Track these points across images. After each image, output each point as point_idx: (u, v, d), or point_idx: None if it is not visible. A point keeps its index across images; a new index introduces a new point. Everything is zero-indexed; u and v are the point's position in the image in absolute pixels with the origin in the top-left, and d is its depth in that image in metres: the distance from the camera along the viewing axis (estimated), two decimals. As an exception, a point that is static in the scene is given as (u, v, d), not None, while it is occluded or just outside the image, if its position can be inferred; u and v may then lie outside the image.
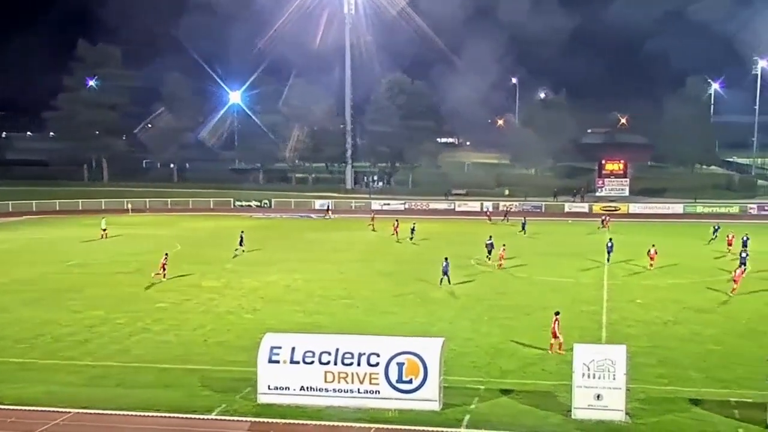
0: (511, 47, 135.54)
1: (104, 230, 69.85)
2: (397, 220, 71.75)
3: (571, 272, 52.10)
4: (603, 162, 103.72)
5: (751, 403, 26.46)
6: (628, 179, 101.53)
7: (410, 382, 26.50)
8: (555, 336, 32.93)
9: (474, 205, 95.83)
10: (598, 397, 25.57)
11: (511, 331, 36.96)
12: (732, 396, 27.55)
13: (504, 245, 55.55)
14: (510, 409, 26.83)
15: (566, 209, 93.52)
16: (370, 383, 26.71)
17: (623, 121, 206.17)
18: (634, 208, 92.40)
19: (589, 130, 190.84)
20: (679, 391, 28.16)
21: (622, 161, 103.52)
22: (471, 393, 28.12)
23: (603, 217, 79.70)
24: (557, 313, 33.49)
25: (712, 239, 64.30)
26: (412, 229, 68.01)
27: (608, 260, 55.05)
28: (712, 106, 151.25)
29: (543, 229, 74.77)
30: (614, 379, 25.52)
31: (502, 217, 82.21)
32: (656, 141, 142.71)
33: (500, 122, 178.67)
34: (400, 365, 26.57)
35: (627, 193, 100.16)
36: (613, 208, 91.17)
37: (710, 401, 27.05)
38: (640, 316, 39.41)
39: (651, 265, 52.95)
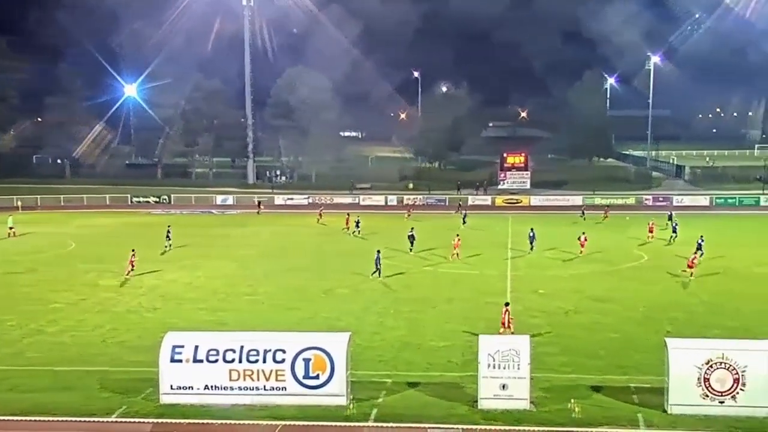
0: (416, 41, 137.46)
1: (11, 228, 66.79)
2: (348, 214, 71.92)
3: (476, 264, 52.64)
4: (505, 155, 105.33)
5: (650, 387, 27.20)
6: (529, 172, 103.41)
7: (317, 377, 26.30)
8: (505, 326, 33.58)
9: (378, 199, 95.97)
10: (504, 387, 25.87)
11: (417, 324, 37.06)
12: (631, 382, 28.29)
13: (458, 235, 56.89)
14: (417, 401, 26.88)
15: (470, 202, 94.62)
16: (277, 380, 26.35)
17: (523, 114, 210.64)
18: (535, 200, 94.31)
19: (490, 124, 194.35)
20: (581, 379, 28.76)
21: (523, 154, 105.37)
22: (378, 387, 28.04)
23: (582, 209, 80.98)
24: (507, 304, 34.46)
25: (671, 232, 63.63)
26: (357, 222, 68.13)
27: (532, 249, 56.55)
28: (608, 101, 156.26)
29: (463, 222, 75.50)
30: (519, 368, 25.87)
31: (455, 211, 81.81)
32: (555, 134, 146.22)
33: (403, 116, 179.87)
34: (307, 361, 26.30)
35: (528, 185, 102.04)
36: (515, 201, 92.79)
37: (611, 387, 27.73)
38: (542, 306, 40.13)
39: (581, 251, 55.01)
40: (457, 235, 57.14)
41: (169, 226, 61.34)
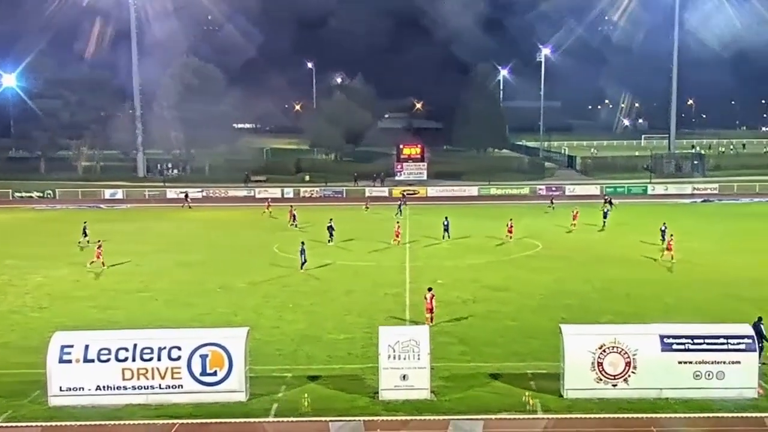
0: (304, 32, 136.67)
1: None
2: (292, 206, 70.82)
3: (373, 256, 52.65)
4: (401, 147, 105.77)
5: (546, 374, 27.74)
6: (425, 163, 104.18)
7: (215, 374, 25.79)
8: (430, 310, 34.36)
9: (275, 192, 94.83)
10: (404, 377, 25.94)
11: (316, 317, 36.74)
12: (528, 368, 28.78)
13: (398, 223, 60.31)
14: (318, 394, 26.65)
15: (366, 194, 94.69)
16: (173, 378, 25.69)
17: (419, 106, 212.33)
18: (432, 191, 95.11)
19: (386, 115, 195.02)
20: (480, 367, 29.09)
21: (419, 146, 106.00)
22: (278, 381, 27.68)
23: (551, 198, 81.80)
24: (430, 289, 35.06)
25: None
26: (293, 216, 67.22)
27: (446, 236, 58.11)
28: (501, 92, 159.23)
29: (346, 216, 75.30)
30: (419, 359, 26.00)
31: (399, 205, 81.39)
32: (450, 126, 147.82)
33: (298, 107, 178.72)
34: (204, 357, 25.74)
35: (425, 176, 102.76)
36: (413, 192, 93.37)
37: (509, 374, 28.17)
38: (441, 296, 40.16)
39: (510, 236, 57.52)
40: (398, 222, 60.37)
41: (85, 222, 59.01)
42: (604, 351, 25.87)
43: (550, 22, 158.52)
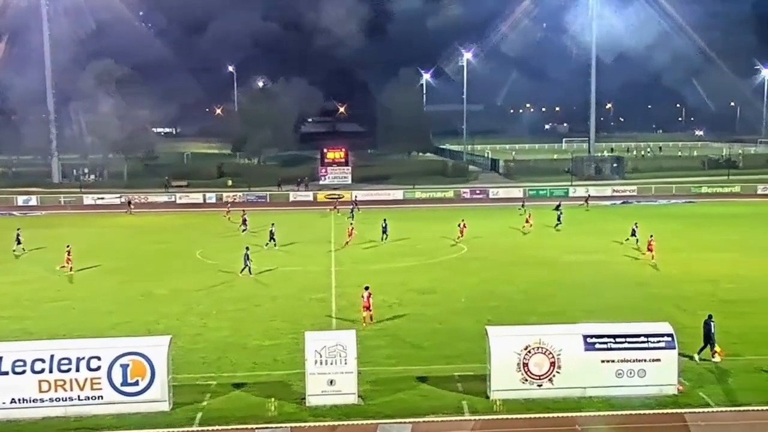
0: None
1: None
2: (244, 211, 69.72)
3: (299, 260, 52.22)
4: (325, 150, 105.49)
5: (473, 375, 27.84)
6: (350, 167, 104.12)
7: (136, 383, 25.15)
8: (367, 309, 34.76)
9: (196, 197, 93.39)
10: (331, 382, 25.76)
11: (241, 324, 36.18)
12: (456, 371, 28.83)
13: (352, 224, 60.97)
14: (243, 402, 26.24)
15: (291, 198, 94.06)
16: (92, 389, 24.98)
17: (342, 110, 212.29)
18: (357, 195, 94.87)
19: (309, 119, 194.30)
20: (407, 370, 29.04)
21: (343, 149, 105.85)
22: (202, 390, 27.16)
23: (523, 200, 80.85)
24: (367, 288, 35.15)
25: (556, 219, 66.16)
26: (244, 220, 65.93)
27: (384, 239, 59.05)
28: (424, 96, 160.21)
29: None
30: (346, 363, 25.85)
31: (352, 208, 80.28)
32: (374, 129, 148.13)
33: (219, 111, 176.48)
34: (125, 367, 25.07)
35: (350, 180, 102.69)
36: (338, 196, 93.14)
37: (436, 377, 28.18)
38: (367, 299, 40.31)
39: (460, 236, 58.82)
40: (351, 224, 61.35)
41: (18, 229, 56.91)
42: (530, 352, 26.12)
43: (472, 27, 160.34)
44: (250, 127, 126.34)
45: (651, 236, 51.75)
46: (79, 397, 24.98)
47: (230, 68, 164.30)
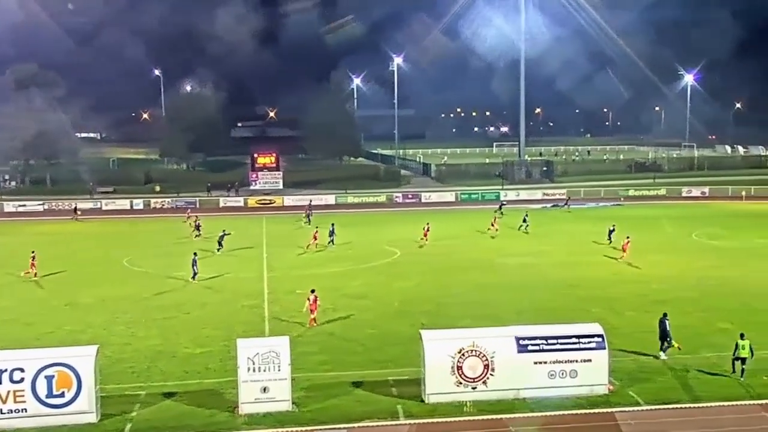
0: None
1: None
2: (197, 217, 68.85)
3: (230, 267, 51.51)
4: (255, 155, 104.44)
5: (407, 379, 27.80)
6: (281, 172, 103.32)
7: (62, 395, 24.44)
8: (313, 311, 35.30)
9: (123, 204, 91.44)
10: (265, 389, 25.46)
11: (170, 332, 35.45)
12: (390, 375, 28.75)
13: (317, 229, 59.54)
14: (174, 411, 25.73)
15: (221, 204, 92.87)
16: (15, 402, 24.19)
17: (272, 114, 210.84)
18: (289, 200, 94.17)
19: (239, 124, 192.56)
20: (341, 376, 28.84)
21: (273, 154, 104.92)
22: (131, 400, 26.51)
23: (500, 203, 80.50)
24: (313, 291, 35.66)
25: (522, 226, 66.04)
26: (197, 226, 64.70)
27: (331, 243, 58.83)
28: (356, 100, 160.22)
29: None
30: (279, 370, 25.58)
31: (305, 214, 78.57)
32: (305, 134, 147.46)
33: (145, 116, 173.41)
34: (50, 379, 24.32)
35: (281, 185, 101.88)
36: (269, 201, 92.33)
37: (370, 382, 28.06)
38: (301, 306, 39.66)
39: (425, 240, 59.56)
40: (316, 229, 59.90)
41: None
42: (464, 355, 26.18)
43: (404, 32, 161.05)
44: (178, 131, 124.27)
45: (627, 237, 53.23)
46: (1, 410, 24.14)
47: (156, 72, 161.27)
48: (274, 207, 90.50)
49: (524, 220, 66.23)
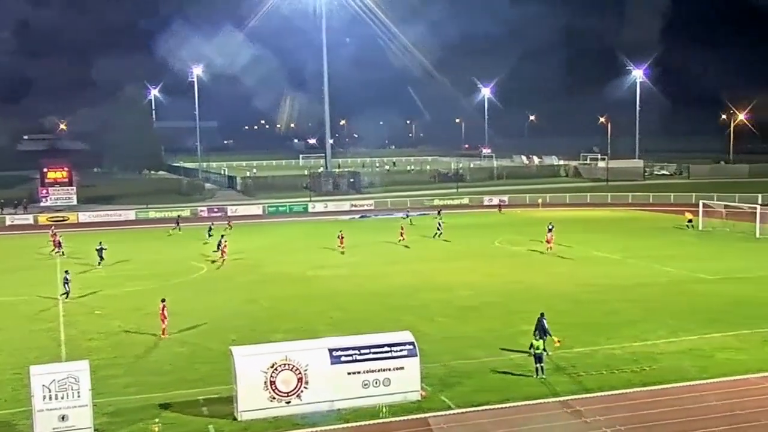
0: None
1: None
2: (56, 233, 65.70)
3: (24, 289, 47.98)
4: (45, 170, 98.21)
5: (218, 398, 26.91)
6: (74, 187, 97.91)
7: None
8: (163, 320, 35.05)
9: None
10: (63, 417, 23.84)
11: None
12: (200, 394, 27.68)
13: (225, 240, 58.11)
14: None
15: (8, 222, 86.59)
16: None
17: (63, 126, 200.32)
18: (84, 216, 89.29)
19: (25, 137, 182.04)
20: (148, 398, 27.47)
21: (65, 169, 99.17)
22: None
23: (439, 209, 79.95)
24: (163, 300, 35.62)
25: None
26: (58, 243, 62.13)
27: (100, 263, 55.49)
28: (154, 113, 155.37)
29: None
30: (79, 396, 23.98)
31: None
32: (100, 147, 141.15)
33: None
34: None
35: (75, 201, 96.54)
36: (62, 218, 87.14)
37: (180, 403, 26.92)
38: (101, 327, 37.66)
39: (341, 248, 60.52)
40: (225, 240, 58.39)
41: None
42: (276, 369, 25.64)
43: (206, 41, 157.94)
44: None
45: (550, 230, 59.36)
46: None
47: None
48: (68, 224, 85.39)
49: (438, 227, 67.77)
